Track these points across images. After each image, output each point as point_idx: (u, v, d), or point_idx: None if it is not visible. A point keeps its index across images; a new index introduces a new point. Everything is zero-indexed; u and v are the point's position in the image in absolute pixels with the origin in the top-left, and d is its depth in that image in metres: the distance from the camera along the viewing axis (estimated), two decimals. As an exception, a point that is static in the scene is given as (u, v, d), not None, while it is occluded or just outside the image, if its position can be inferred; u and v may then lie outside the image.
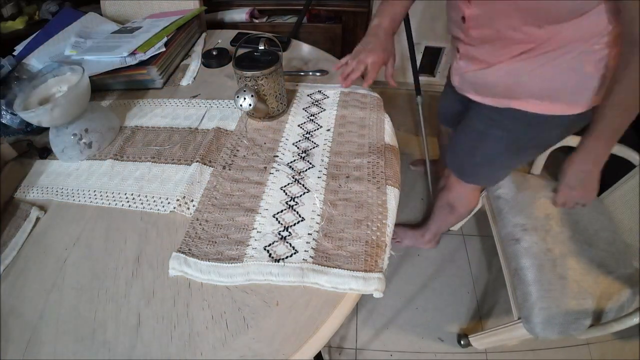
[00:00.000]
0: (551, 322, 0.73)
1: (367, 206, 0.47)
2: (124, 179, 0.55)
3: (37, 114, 0.52)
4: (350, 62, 0.65)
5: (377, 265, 0.41)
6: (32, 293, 0.44)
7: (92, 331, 0.39)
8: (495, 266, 1.24)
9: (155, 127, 0.65)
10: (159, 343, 0.38)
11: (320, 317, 0.38)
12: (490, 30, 0.57)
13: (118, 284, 0.43)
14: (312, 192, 0.49)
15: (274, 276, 0.40)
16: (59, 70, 0.61)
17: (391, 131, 0.59)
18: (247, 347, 0.36)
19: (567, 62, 0.53)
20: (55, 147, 0.59)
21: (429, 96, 1.69)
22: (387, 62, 0.66)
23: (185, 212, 0.49)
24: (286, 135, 0.59)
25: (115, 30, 0.84)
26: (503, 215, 0.92)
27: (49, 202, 0.54)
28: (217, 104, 0.69)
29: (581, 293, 0.74)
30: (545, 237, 0.83)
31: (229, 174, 0.53)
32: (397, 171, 0.52)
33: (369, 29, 0.69)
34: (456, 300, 1.17)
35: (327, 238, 0.44)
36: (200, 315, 0.39)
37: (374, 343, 1.08)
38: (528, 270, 0.80)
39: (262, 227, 0.46)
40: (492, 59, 0.61)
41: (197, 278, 0.42)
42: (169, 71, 0.78)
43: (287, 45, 0.86)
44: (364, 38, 0.67)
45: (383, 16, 0.67)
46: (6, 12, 0.90)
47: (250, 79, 0.56)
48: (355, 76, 0.63)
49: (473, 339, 1.02)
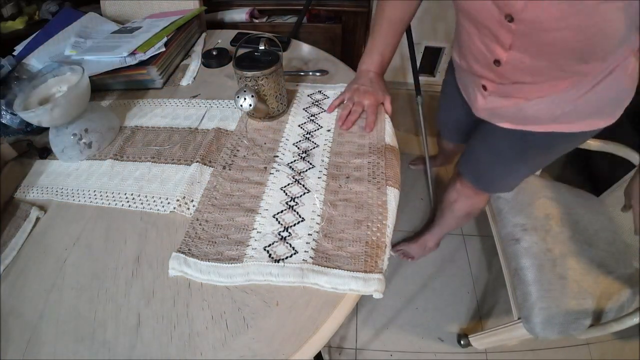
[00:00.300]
0: (551, 322, 0.73)
1: (367, 207, 0.47)
2: (124, 179, 0.55)
3: (37, 114, 0.52)
4: (347, 103, 0.63)
5: (377, 265, 0.41)
6: (32, 293, 0.44)
7: (92, 331, 0.39)
8: (495, 266, 1.24)
9: (155, 127, 0.65)
10: (159, 343, 0.38)
11: (320, 317, 0.38)
12: (532, 73, 0.53)
13: (118, 284, 0.43)
14: (312, 192, 0.49)
15: (274, 276, 0.40)
16: (59, 70, 0.61)
17: (391, 131, 0.59)
18: (247, 347, 0.36)
19: (609, 82, 0.53)
20: (55, 147, 0.59)
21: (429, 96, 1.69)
22: (384, 101, 0.64)
23: (185, 212, 0.49)
24: (286, 135, 0.59)
25: (115, 30, 0.84)
26: (503, 215, 0.92)
27: (49, 202, 0.54)
28: (217, 104, 0.69)
29: (581, 293, 0.74)
30: (545, 237, 0.83)
31: (229, 174, 0.53)
32: (398, 172, 0.52)
33: (358, 71, 0.68)
34: (456, 300, 1.17)
35: (327, 238, 0.44)
36: (200, 316, 0.39)
37: (374, 343, 1.08)
38: (528, 270, 0.80)
39: (262, 228, 0.46)
40: (532, 94, 0.56)
41: (197, 278, 0.42)
42: (169, 71, 0.78)
43: (287, 45, 0.86)
44: (356, 79, 0.66)
45: (372, 59, 0.66)
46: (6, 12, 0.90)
47: (251, 79, 0.56)
48: (355, 118, 0.60)
49: (473, 339, 1.02)
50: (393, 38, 0.66)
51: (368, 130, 0.58)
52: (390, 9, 0.64)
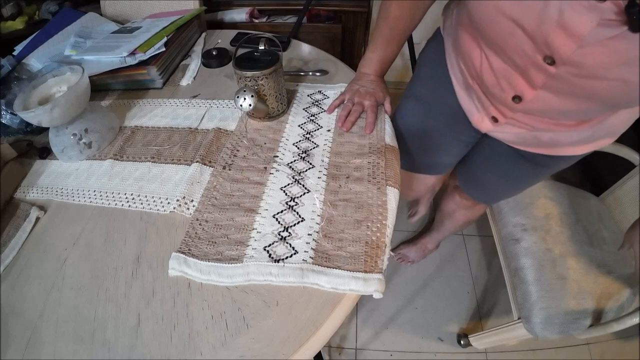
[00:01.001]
0: (551, 322, 0.73)
1: (367, 207, 0.47)
2: (124, 179, 0.55)
3: (37, 114, 0.52)
4: (347, 104, 0.62)
5: (377, 265, 0.41)
6: (32, 293, 0.44)
7: (92, 331, 0.39)
8: (495, 266, 1.24)
9: (155, 127, 0.65)
10: (159, 343, 0.38)
11: (320, 317, 0.38)
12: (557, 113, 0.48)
13: (118, 284, 0.43)
14: (312, 192, 0.49)
15: (274, 277, 0.40)
16: (59, 70, 0.61)
17: (391, 132, 0.59)
18: (247, 347, 0.36)
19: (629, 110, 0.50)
20: (55, 147, 0.59)
21: (429, 96, 1.69)
22: (385, 102, 0.63)
23: (185, 212, 0.49)
24: (286, 135, 0.59)
25: (115, 30, 0.84)
26: (503, 215, 0.92)
27: (49, 202, 0.54)
28: (217, 104, 0.69)
29: (581, 293, 0.74)
30: (545, 237, 0.83)
31: (229, 174, 0.53)
32: (398, 172, 0.52)
33: (358, 72, 0.66)
34: (456, 300, 1.17)
35: (327, 238, 0.44)
36: (200, 315, 0.39)
37: (374, 343, 1.08)
38: (528, 270, 0.80)
39: (262, 228, 0.46)
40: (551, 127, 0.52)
41: (197, 278, 0.42)
42: (168, 71, 0.78)
43: (287, 45, 0.86)
44: (356, 79, 0.65)
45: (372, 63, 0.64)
46: (6, 12, 0.89)
47: (250, 79, 0.56)
48: (355, 119, 0.59)
49: (473, 339, 1.02)
50: (395, 41, 0.62)
51: (368, 132, 0.58)
52: (395, 10, 0.58)
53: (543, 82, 0.43)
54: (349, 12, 1.16)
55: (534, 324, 0.75)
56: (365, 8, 1.15)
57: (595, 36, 0.34)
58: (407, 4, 0.57)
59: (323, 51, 0.84)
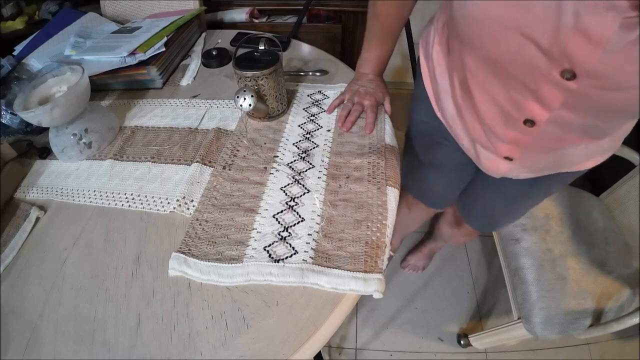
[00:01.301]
0: (551, 322, 0.73)
1: (367, 207, 0.47)
2: (124, 179, 0.55)
3: (37, 114, 0.52)
4: (347, 104, 0.62)
5: (377, 265, 0.41)
6: (32, 293, 0.43)
7: (92, 331, 0.39)
8: (495, 266, 1.24)
9: (155, 127, 0.65)
10: (159, 343, 0.38)
11: (320, 317, 0.38)
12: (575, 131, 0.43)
13: (118, 284, 0.43)
14: (312, 192, 0.49)
15: (274, 277, 0.40)
16: (59, 70, 0.61)
17: (391, 132, 0.59)
18: (247, 347, 0.36)
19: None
20: (55, 147, 0.59)
21: (429, 96, 1.69)
22: (384, 102, 0.63)
23: (185, 212, 0.49)
24: (286, 135, 0.59)
25: (115, 30, 0.84)
26: (503, 215, 0.91)
27: (49, 202, 0.54)
28: (217, 104, 0.69)
29: (581, 293, 0.74)
30: (545, 237, 0.83)
31: (229, 174, 0.53)
32: (398, 172, 0.52)
33: (356, 73, 0.66)
34: (456, 300, 1.17)
35: (327, 238, 0.44)
36: (200, 315, 0.39)
37: (374, 343, 1.08)
38: (528, 270, 0.80)
39: (262, 228, 0.46)
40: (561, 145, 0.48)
41: (197, 278, 0.42)
42: (168, 71, 0.78)
43: (287, 45, 0.86)
44: (355, 80, 0.65)
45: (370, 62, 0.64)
46: (6, 12, 0.90)
47: (250, 79, 0.56)
48: (355, 119, 0.59)
49: (473, 338, 1.02)
50: (389, 38, 0.62)
51: (368, 131, 0.58)
52: (382, 8, 0.59)
53: (562, 101, 0.37)
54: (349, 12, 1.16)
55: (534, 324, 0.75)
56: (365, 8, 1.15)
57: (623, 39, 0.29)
58: (393, 2, 0.57)
59: (323, 51, 0.84)
